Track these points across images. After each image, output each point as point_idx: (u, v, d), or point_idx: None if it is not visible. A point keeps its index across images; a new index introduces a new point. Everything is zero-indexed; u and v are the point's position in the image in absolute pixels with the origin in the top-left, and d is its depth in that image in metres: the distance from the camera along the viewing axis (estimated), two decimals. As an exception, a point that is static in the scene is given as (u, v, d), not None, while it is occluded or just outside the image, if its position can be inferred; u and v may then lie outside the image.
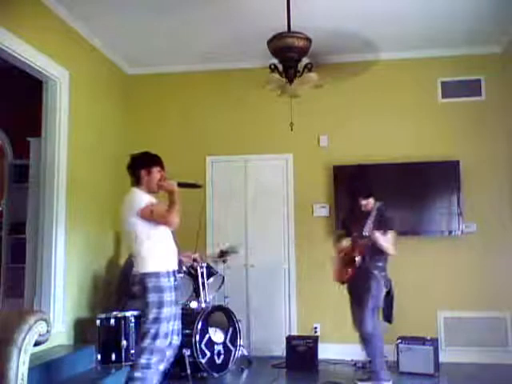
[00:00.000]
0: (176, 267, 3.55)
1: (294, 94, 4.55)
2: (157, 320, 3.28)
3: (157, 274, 3.34)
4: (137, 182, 3.64)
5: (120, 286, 5.12)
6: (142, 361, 3.27)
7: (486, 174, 5.44)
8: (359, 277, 4.28)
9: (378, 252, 4.27)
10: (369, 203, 4.39)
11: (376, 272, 4.27)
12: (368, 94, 5.68)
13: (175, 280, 3.46)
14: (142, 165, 3.66)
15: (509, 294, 5.23)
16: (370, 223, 4.23)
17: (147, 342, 3.27)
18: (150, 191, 3.60)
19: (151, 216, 3.41)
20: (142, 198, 3.49)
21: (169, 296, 3.34)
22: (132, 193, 3.58)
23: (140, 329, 3.44)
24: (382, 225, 4.25)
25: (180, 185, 3.65)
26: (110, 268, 5.47)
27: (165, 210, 3.46)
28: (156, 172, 3.65)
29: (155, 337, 3.27)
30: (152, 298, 3.30)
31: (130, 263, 5.11)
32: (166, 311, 3.30)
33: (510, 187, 5.38)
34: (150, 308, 3.29)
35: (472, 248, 5.34)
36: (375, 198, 4.42)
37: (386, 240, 4.23)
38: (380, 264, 4.31)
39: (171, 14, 4.71)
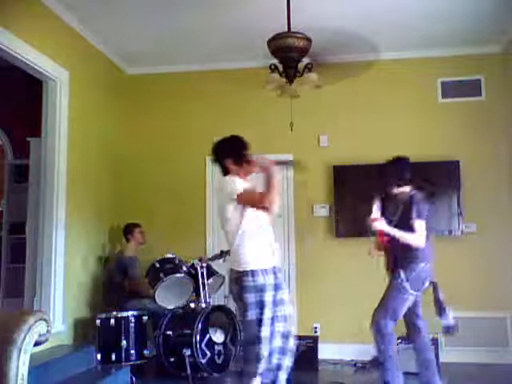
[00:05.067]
0: (275, 264, 3.26)
1: (294, 94, 4.56)
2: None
3: (253, 273, 3.13)
4: (225, 172, 3.32)
5: (111, 285, 5.13)
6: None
7: (486, 174, 5.44)
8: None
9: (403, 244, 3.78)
10: (403, 192, 3.94)
11: (401, 271, 3.78)
12: (368, 94, 5.68)
13: (276, 278, 3.21)
14: (226, 155, 3.32)
15: (509, 293, 5.23)
16: (398, 215, 3.83)
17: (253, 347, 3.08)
18: (242, 177, 3.27)
19: (248, 201, 3.13)
20: (236, 184, 3.16)
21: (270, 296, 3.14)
22: (224, 181, 3.26)
23: None
24: (408, 215, 3.77)
25: (278, 163, 3.27)
26: (110, 268, 5.47)
27: (260, 193, 3.14)
28: (244, 157, 3.28)
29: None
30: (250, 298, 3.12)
31: (118, 261, 5.15)
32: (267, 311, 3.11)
33: (510, 187, 5.38)
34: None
35: (472, 248, 5.34)
36: (412, 186, 3.95)
37: (407, 235, 3.74)
38: (406, 260, 3.78)
39: (171, 14, 4.72)
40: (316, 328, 5.48)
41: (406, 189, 3.97)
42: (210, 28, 5.03)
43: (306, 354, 5.00)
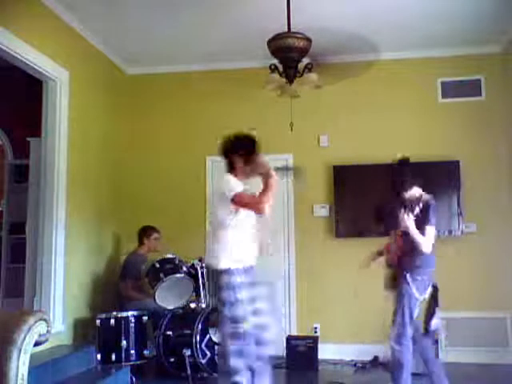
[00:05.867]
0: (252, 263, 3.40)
1: (294, 94, 4.55)
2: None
3: (229, 271, 3.25)
4: (230, 167, 3.44)
5: (121, 284, 5.14)
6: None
7: (486, 174, 5.44)
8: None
9: (412, 248, 3.81)
10: (412, 195, 3.95)
11: (408, 274, 3.78)
12: (368, 94, 5.68)
13: (252, 276, 3.34)
14: (235, 150, 3.44)
15: (509, 293, 5.24)
16: (410, 216, 3.81)
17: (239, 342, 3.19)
18: (245, 177, 3.42)
19: (244, 204, 3.27)
20: (233, 185, 3.29)
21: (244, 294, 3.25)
22: (224, 179, 3.38)
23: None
24: (421, 219, 3.80)
25: (278, 169, 3.45)
26: (110, 268, 5.47)
27: (254, 197, 3.29)
28: (251, 157, 3.40)
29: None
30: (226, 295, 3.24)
31: (130, 261, 5.15)
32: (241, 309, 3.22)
33: (510, 187, 5.38)
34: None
35: (472, 248, 5.34)
36: (422, 189, 3.96)
37: (421, 237, 3.77)
38: (413, 264, 3.80)
39: (171, 14, 4.72)
40: (316, 328, 5.48)
41: (416, 191, 3.97)
42: (210, 28, 5.03)
43: (306, 353, 5.01)
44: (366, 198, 5.43)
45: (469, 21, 4.92)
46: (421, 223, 3.81)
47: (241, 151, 3.41)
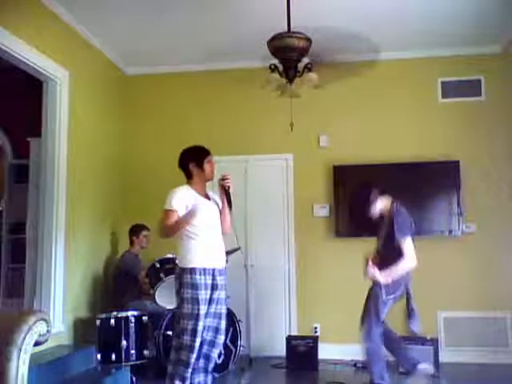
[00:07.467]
0: (218, 265, 3.56)
1: (294, 94, 4.55)
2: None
3: (192, 270, 3.43)
4: (187, 177, 3.74)
5: (117, 284, 5.14)
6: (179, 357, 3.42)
7: (486, 174, 5.44)
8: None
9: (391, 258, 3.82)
10: (381, 209, 3.98)
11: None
12: (368, 94, 5.69)
13: (213, 279, 3.50)
14: (190, 159, 3.69)
15: (509, 293, 5.24)
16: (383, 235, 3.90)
17: (184, 338, 3.39)
18: (202, 185, 3.71)
19: (160, 221, 3.60)
20: (174, 197, 3.58)
21: (203, 294, 3.43)
22: (175, 189, 3.65)
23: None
24: (391, 233, 3.82)
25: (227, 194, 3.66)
26: (110, 268, 5.47)
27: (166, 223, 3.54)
28: (206, 164, 3.68)
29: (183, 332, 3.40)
30: (186, 293, 3.42)
31: (128, 259, 5.15)
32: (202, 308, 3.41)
33: (510, 187, 5.38)
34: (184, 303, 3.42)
35: (472, 248, 5.34)
36: (390, 198, 3.98)
37: (400, 266, 3.77)
38: (386, 268, 3.84)
39: (171, 14, 4.72)
40: (316, 328, 5.48)
41: (379, 205, 3.99)
42: (210, 28, 5.03)
43: (306, 353, 5.01)
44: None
45: (469, 21, 4.91)
46: (393, 237, 3.82)
47: (192, 160, 3.66)
